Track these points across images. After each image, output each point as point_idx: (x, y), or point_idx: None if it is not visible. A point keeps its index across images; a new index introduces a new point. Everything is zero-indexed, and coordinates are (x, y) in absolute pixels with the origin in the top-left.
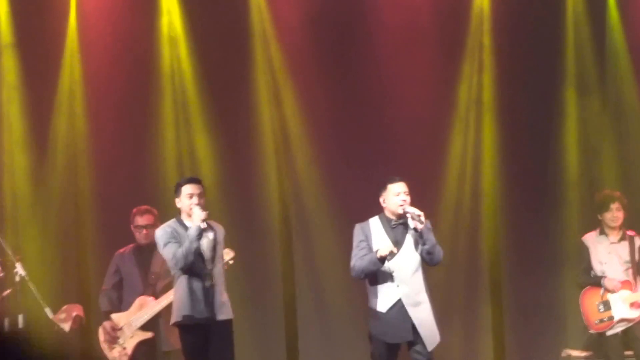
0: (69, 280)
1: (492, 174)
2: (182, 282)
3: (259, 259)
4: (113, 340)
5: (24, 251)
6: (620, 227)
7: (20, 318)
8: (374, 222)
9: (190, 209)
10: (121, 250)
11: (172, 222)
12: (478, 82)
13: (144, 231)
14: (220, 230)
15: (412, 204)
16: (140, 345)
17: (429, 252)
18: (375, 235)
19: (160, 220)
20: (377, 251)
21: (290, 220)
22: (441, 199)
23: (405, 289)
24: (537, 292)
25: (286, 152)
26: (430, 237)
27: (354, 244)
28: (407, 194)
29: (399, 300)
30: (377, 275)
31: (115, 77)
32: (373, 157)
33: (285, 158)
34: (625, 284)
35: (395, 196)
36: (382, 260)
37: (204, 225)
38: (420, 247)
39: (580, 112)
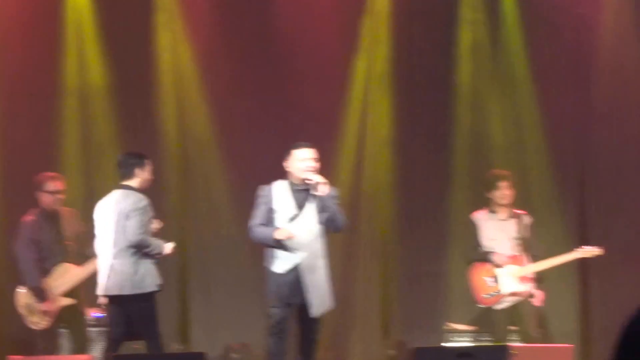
0: None
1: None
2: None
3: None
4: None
5: None
6: (509, 206)
7: None
8: (279, 185)
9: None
10: (28, 218)
11: None
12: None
13: (59, 196)
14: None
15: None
16: (62, 311)
17: (330, 219)
18: (278, 197)
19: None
20: (275, 231)
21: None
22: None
23: (304, 253)
24: (424, 260)
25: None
26: (332, 205)
27: (256, 203)
28: (315, 161)
29: (297, 265)
30: None
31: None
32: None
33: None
34: (513, 259)
35: (300, 162)
36: (278, 241)
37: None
38: (321, 213)
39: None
